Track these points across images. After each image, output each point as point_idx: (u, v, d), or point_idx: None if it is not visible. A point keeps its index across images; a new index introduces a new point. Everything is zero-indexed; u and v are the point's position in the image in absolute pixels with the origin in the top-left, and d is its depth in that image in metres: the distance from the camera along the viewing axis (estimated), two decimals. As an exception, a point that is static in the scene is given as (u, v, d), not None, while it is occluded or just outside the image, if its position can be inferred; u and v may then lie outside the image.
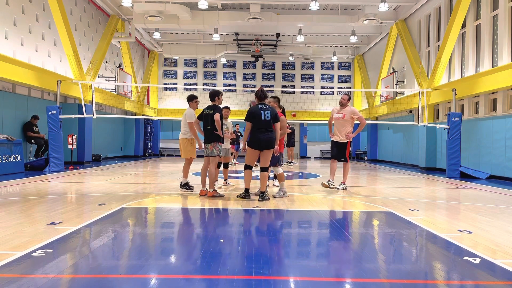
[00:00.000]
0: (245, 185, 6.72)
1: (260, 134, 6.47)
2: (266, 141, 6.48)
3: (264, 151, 6.57)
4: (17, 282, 2.77)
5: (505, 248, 3.87)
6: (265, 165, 6.65)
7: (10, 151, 10.69)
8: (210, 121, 6.87)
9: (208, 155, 6.99)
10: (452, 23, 13.23)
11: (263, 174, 6.64)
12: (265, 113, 6.49)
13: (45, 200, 6.35)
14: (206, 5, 15.70)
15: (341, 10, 18.46)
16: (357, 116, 8.06)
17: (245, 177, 6.71)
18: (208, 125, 6.93)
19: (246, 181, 6.70)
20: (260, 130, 6.47)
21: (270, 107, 6.63)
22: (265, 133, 6.48)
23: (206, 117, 6.95)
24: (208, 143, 6.96)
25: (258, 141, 6.48)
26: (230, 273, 3.04)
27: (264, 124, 6.47)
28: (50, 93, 14.16)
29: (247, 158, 6.71)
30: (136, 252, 3.69)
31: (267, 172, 6.67)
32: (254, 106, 6.67)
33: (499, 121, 11.50)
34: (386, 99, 19.70)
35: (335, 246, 4.05)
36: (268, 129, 6.51)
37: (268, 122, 6.50)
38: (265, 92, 6.80)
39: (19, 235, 4.01)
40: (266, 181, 6.69)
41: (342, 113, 8.13)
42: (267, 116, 6.49)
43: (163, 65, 25.91)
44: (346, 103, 8.17)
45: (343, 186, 8.22)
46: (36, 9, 13.26)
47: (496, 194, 8.11)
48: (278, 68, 26.06)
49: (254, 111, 6.53)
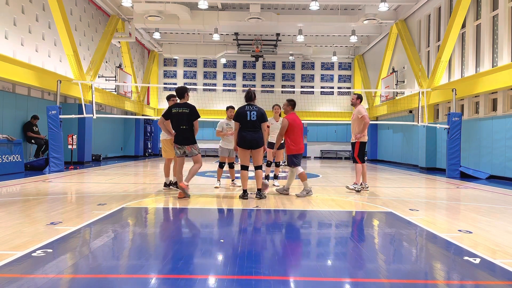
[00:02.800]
0: (242, 186, 6.87)
1: (246, 134, 6.70)
2: (252, 140, 6.69)
3: (253, 151, 6.81)
4: (17, 282, 2.77)
5: (505, 248, 3.87)
6: (258, 163, 6.91)
7: (10, 151, 10.69)
8: (186, 120, 6.58)
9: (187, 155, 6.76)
10: (452, 23, 13.23)
11: (257, 172, 6.89)
12: (251, 114, 6.73)
13: (45, 200, 6.35)
14: (206, 5, 15.70)
15: (341, 10, 18.46)
16: (360, 115, 8.00)
17: (241, 178, 6.90)
18: (182, 124, 6.60)
19: (243, 182, 6.87)
20: (247, 129, 6.70)
21: (257, 108, 6.80)
22: (251, 132, 6.69)
23: (180, 116, 6.60)
24: (184, 145, 6.65)
25: (244, 140, 6.70)
26: (230, 273, 3.04)
27: (249, 124, 6.70)
28: (50, 93, 14.16)
29: (240, 158, 6.93)
30: (136, 252, 3.69)
31: (261, 170, 6.93)
32: (241, 106, 6.88)
33: (499, 121, 11.49)
34: (386, 99, 19.70)
35: (335, 246, 4.05)
36: (253, 129, 6.72)
37: (254, 122, 6.72)
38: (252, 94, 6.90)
39: (19, 235, 4.01)
40: (261, 179, 6.91)
41: (353, 113, 8.22)
42: (253, 117, 6.71)
43: (163, 65, 25.91)
44: (356, 102, 8.21)
45: (354, 186, 8.06)
46: (36, 9, 13.25)
47: (496, 194, 8.11)
48: (278, 68, 26.05)
49: (240, 112, 6.77)
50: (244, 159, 6.85)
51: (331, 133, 25.20)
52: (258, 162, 6.90)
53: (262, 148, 6.83)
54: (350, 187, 8.12)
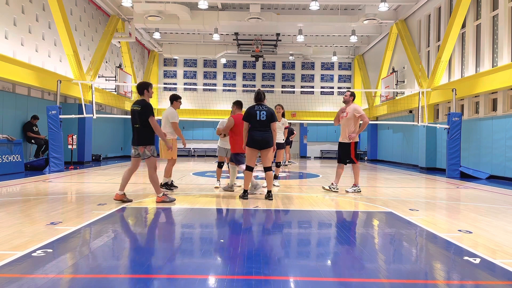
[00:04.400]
0: (244, 186, 6.86)
1: (256, 134, 6.68)
2: (262, 140, 6.67)
3: (263, 151, 6.78)
4: (17, 282, 2.77)
5: (505, 248, 3.87)
6: (268, 164, 6.86)
7: (10, 151, 10.69)
8: (138, 119, 6.05)
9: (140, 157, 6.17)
10: (452, 23, 13.23)
11: (268, 174, 6.84)
12: (260, 113, 6.71)
13: (45, 200, 6.35)
14: (206, 5, 15.71)
15: (341, 10, 18.46)
16: (359, 114, 7.74)
17: (245, 178, 6.85)
18: (135, 123, 6.08)
19: (246, 183, 6.83)
20: (256, 129, 6.69)
21: (266, 107, 6.80)
22: (261, 132, 6.68)
23: (132, 114, 6.14)
24: (139, 145, 6.10)
25: (255, 140, 6.67)
26: (230, 273, 3.04)
27: (259, 124, 6.68)
28: (50, 93, 14.16)
29: (247, 158, 6.88)
30: (136, 252, 3.69)
31: (271, 171, 6.90)
32: (250, 106, 6.85)
33: (499, 121, 11.49)
34: (386, 99, 19.70)
35: (335, 246, 4.05)
36: (264, 128, 6.71)
37: (264, 122, 6.70)
38: (261, 94, 6.91)
39: (19, 235, 4.01)
40: (272, 180, 6.92)
41: (346, 112, 7.88)
42: (263, 117, 6.69)
43: (163, 65, 25.90)
44: (349, 100, 7.92)
45: (354, 189, 7.87)
46: (36, 9, 13.25)
47: (496, 194, 8.11)
48: (278, 68, 26.05)
49: (251, 112, 6.75)
50: (251, 160, 6.79)
51: (331, 133, 25.18)
52: (268, 163, 6.83)
53: (271, 148, 6.82)
54: (349, 191, 7.89)
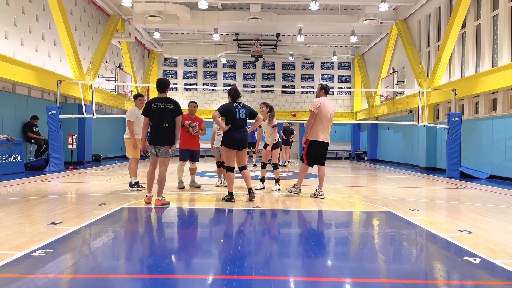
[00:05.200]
0: (228, 189, 6.51)
1: (236, 134, 6.38)
2: (241, 141, 6.44)
3: (239, 151, 6.53)
4: (17, 282, 2.77)
5: (505, 248, 3.87)
6: (244, 163, 6.64)
7: (10, 151, 10.69)
8: (170, 118, 5.87)
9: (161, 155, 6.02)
10: (452, 23, 13.23)
11: (244, 173, 6.61)
12: (240, 111, 6.43)
13: (45, 200, 6.35)
14: (206, 5, 15.71)
15: (341, 10, 18.46)
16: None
17: (228, 181, 6.54)
18: (164, 122, 5.85)
19: (229, 185, 6.50)
20: (236, 129, 6.40)
21: (244, 105, 6.56)
22: (240, 132, 6.43)
23: (163, 113, 5.85)
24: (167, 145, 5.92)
25: (235, 141, 6.38)
26: (230, 273, 3.04)
27: (240, 122, 6.43)
28: (50, 93, 14.15)
29: (226, 159, 6.57)
30: (136, 252, 3.69)
31: (247, 170, 6.67)
32: (228, 103, 6.54)
33: (499, 121, 11.49)
34: (386, 99, 19.70)
35: (335, 246, 4.05)
36: (242, 128, 6.47)
37: (243, 121, 6.47)
38: (238, 91, 6.62)
39: (19, 235, 4.01)
40: (250, 178, 6.62)
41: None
42: (242, 115, 6.45)
43: (163, 65, 25.90)
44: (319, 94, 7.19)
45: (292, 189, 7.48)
46: (36, 9, 13.25)
47: (496, 194, 8.11)
48: (278, 68, 26.05)
49: (230, 108, 6.40)
50: (230, 160, 6.48)
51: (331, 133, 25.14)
52: (243, 162, 6.63)
53: (246, 148, 6.60)
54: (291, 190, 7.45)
